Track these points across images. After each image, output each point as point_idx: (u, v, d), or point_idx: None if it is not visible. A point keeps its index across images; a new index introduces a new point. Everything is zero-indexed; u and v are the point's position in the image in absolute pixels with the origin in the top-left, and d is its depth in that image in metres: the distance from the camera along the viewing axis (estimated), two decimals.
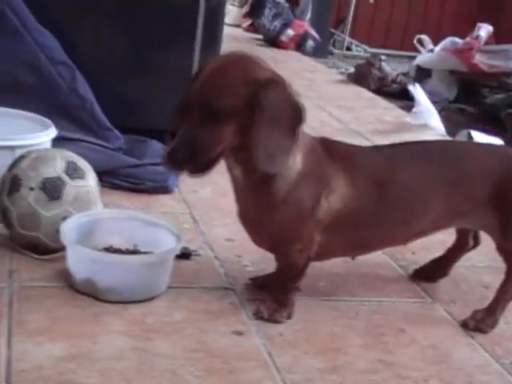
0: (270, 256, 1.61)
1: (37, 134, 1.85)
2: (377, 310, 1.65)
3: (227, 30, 6.54)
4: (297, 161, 1.45)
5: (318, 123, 3.45)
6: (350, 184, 1.50)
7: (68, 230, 1.56)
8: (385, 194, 1.54)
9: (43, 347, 1.32)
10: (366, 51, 7.37)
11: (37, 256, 1.65)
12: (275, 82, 1.39)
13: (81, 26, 2.35)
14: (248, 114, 1.36)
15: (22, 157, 1.66)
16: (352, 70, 5.26)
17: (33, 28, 2.10)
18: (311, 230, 1.49)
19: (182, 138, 1.38)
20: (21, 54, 2.10)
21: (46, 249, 1.64)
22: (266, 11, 6.02)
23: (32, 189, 1.60)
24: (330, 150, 1.52)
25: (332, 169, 1.49)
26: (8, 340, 1.33)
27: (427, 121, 3.98)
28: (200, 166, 1.40)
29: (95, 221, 1.65)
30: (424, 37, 5.95)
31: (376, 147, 1.70)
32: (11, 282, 1.54)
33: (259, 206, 1.48)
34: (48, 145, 1.89)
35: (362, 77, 4.86)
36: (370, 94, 4.51)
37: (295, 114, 1.40)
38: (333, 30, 7.25)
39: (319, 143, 1.53)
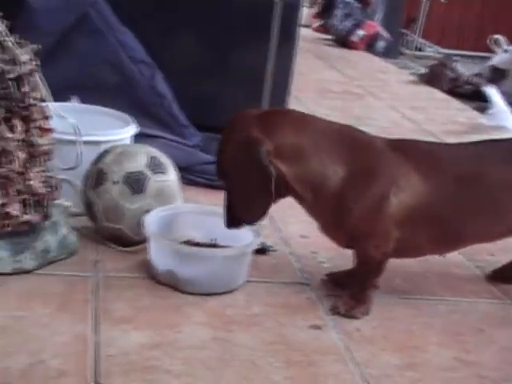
0: (345, 253, 1.63)
1: (119, 130, 1.90)
2: (455, 310, 1.65)
3: None
4: (336, 170, 1.47)
5: (390, 124, 3.45)
6: (426, 182, 1.51)
7: (150, 223, 1.60)
8: (473, 190, 1.54)
9: (129, 334, 1.37)
10: (437, 52, 7.29)
11: (120, 247, 1.70)
12: (241, 143, 1.45)
13: (159, 26, 2.40)
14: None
15: (106, 151, 1.71)
16: (423, 70, 5.21)
17: (115, 28, 2.16)
18: (384, 226, 1.50)
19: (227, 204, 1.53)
20: (104, 53, 2.16)
21: (129, 241, 1.69)
22: (337, 11, 6.02)
23: (116, 182, 1.65)
24: (402, 151, 1.53)
25: (401, 167, 1.50)
26: (95, 326, 1.38)
27: (503, 123, 3.91)
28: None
29: (176, 214, 1.69)
30: (499, 37, 5.84)
31: (459, 144, 1.70)
32: (96, 271, 1.60)
33: (326, 217, 1.54)
34: (129, 141, 1.94)
35: (434, 77, 4.81)
36: (442, 95, 4.47)
37: (261, 170, 1.44)
38: (404, 31, 7.19)
39: (387, 145, 1.55)
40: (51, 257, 1.59)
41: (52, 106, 1.63)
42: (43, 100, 1.60)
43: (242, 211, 1.51)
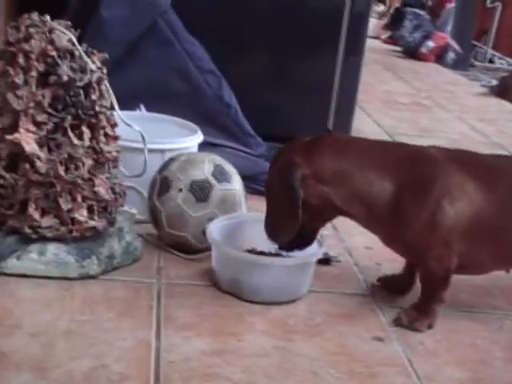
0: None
1: (185, 139, 1.91)
2: None
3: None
4: (384, 186, 1.47)
5: (459, 136, 3.40)
6: (483, 192, 1.48)
7: (214, 231, 1.61)
8: None
9: (190, 341, 1.37)
10: (509, 64, 7.14)
11: (183, 255, 1.71)
12: (279, 167, 1.51)
13: (226, 37, 2.42)
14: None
15: (171, 159, 1.73)
16: (494, 82, 5.12)
17: (183, 38, 2.18)
18: (443, 237, 1.47)
19: (267, 216, 1.58)
20: (171, 62, 2.18)
21: (193, 248, 1.70)
22: (407, 23, 5.97)
23: (181, 190, 1.66)
24: (457, 160, 1.51)
25: (454, 176, 1.48)
26: (157, 332, 1.39)
27: None
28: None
29: (239, 223, 1.69)
30: None
31: None
32: (159, 278, 1.61)
33: (383, 231, 1.54)
34: (195, 149, 1.95)
35: (505, 89, 4.71)
36: None
37: (291, 194, 1.48)
38: (475, 42, 7.08)
39: (441, 155, 1.53)
40: (116, 263, 1.61)
41: (119, 114, 1.66)
42: (110, 108, 1.63)
43: (271, 232, 1.55)
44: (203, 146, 2.06)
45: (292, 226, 1.50)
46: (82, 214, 1.54)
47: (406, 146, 1.58)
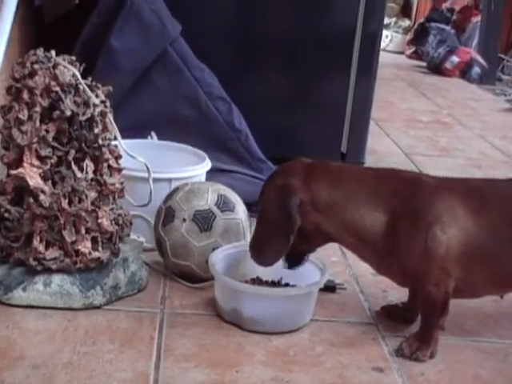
0: None
1: (192, 167, 1.94)
2: None
3: (390, 58, 6.59)
4: (377, 216, 1.49)
5: (477, 154, 3.37)
6: (474, 217, 1.49)
7: (217, 261, 1.62)
8: None
9: (189, 373, 1.39)
10: None
11: (188, 284, 1.73)
12: (277, 189, 1.51)
13: (237, 61, 2.45)
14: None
15: (176, 189, 1.75)
16: None
17: (192, 65, 2.21)
18: (440, 263, 1.47)
19: (255, 234, 1.60)
20: (181, 89, 2.21)
21: (197, 278, 1.72)
22: (431, 38, 5.95)
23: (184, 220, 1.68)
24: (447, 187, 1.53)
25: (444, 203, 1.49)
26: (157, 364, 1.41)
27: None
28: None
29: (244, 252, 1.70)
30: None
31: (509, 180, 1.66)
32: (163, 308, 1.63)
33: (378, 260, 1.55)
34: (202, 177, 1.97)
35: None
36: None
37: (286, 220, 1.49)
38: (502, 56, 7.03)
39: (432, 182, 1.54)
40: (120, 293, 1.63)
41: (122, 146, 1.68)
42: (114, 139, 1.66)
43: (256, 251, 1.57)
44: (212, 173, 2.08)
45: (280, 250, 1.53)
46: (85, 246, 1.56)
47: (399, 173, 1.59)
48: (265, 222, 1.54)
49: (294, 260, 1.59)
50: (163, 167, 1.92)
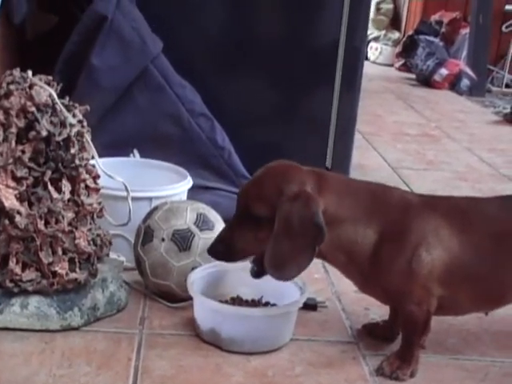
0: None
1: (173, 186, 1.93)
2: (509, 372, 1.58)
3: (380, 70, 6.60)
4: (368, 234, 1.47)
5: (464, 167, 3.37)
6: (458, 237, 1.48)
7: (195, 280, 1.61)
8: (506, 245, 1.51)
9: None
10: None
11: (168, 304, 1.71)
12: (298, 197, 1.42)
13: (220, 77, 2.44)
14: None
15: (155, 208, 1.74)
16: (509, 109, 5.07)
17: (174, 82, 2.21)
18: (423, 283, 1.47)
19: (221, 234, 1.52)
20: (163, 106, 2.20)
21: (177, 297, 1.71)
22: (419, 50, 5.95)
23: (163, 240, 1.67)
24: (432, 207, 1.51)
25: (429, 224, 1.48)
26: None
27: None
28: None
29: (223, 271, 1.70)
30: None
31: (498, 197, 1.65)
32: (142, 328, 1.62)
33: (362, 278, 1.53)
34: (184, 195, 1.96)
35: None
36: None
37: (313, 232, 1.42)
38: (491, 67, 7.05)
39: (418, 202, 1.53)
40: (99, 313, 1.62)
41: (99, 166, 1.67)
42: (92, 159, 1.65)
43: (277, 266, 1.45)
44: (195, 190, 2.07)
45: (306, 263, 1.45)
46: (62, 267, 1.55)
47: (391, 191, 1.57)
48: (287, 235, 1.42)
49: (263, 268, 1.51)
50: (144, 185, 1.91)
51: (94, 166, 1.65)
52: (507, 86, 7.10)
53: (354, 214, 1.48)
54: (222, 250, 1.50)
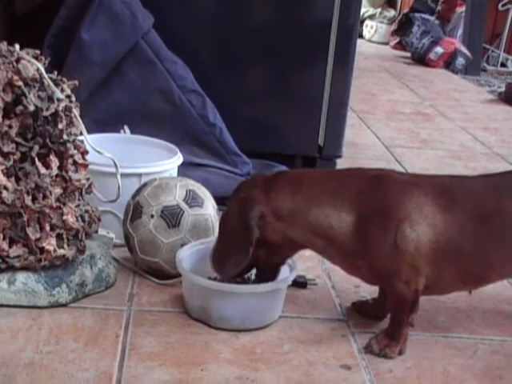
0: None
1: (163, 162, 1.91)
2: (498, 350, 1.58)
3: (375, 48, 6.57)
4: (342, 216, 1.47)
5: (458, 146, 3.36)
6: (443, 215, 1.47)
7: (184, 257, 1.61)
8: (490, 224, 1.50)
9: (153, 372, 1.37)
10: None
11: (157, 280, 1.71)
12: (239, 201, 1.51)
13: (212, 54, 2.42)
14: None
15: (144, 184, 1.73)
16: (503, 88, 5.06)
17: (165, 58, 2.18)
18: (410, 261, 1.46)
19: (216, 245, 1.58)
20: (154, 82, 2.18)
21: (166, 274, 1.70)
22: (415, 29, 5.93)
23: (152, 216, 1.66)
24: (416, 185, 1.51)
25: (412, 201, 1.47)
26: (120, 363, 1.39)
27: None
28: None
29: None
30: None
31: (483, 176, 1.64)
32: (130, 305, 1.61)
33: (347, 260, 1.53)
34: (174, 172, 1.95)
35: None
36: None
37: (245, 232, 1.48)
38: (487, 46, 7.01)
39: (401, 180, 1.53)
40: (87, 290, 1.61)
41: (88, 141, 1.66)
42: (81, 134, 1.63)
43: (216, 263, 1.55)
44: (186, 167, 2.06)
45: (240, 262, 1.51)
46: (50, 243, 1.54)
47: (364, 171, 1.57)
48: (226, 234, 1.53)
49: (267, 275, 1.57)
50: (134, 162, 1.90)
51: (82, 141, 1.63)
52: (502, 65, 7.08)
53: (320, 201, 1.49)
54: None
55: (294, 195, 1.50)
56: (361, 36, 6.73)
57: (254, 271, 1.61)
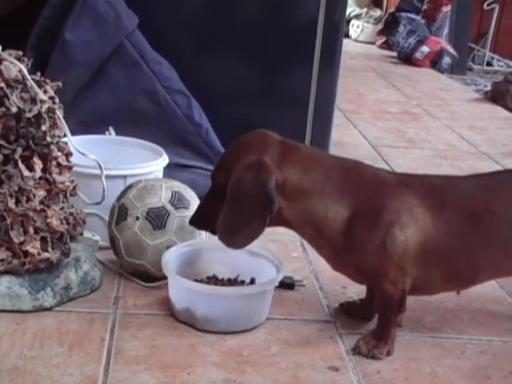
0: None
1: (148, 164, 1.90)
2: (485, 350, 1.57)
3: (361, 48, 6.56)
4: (338, 210, 1.45)
5: (444, 145, 3.36)
6: (432, 216, 1.47)
7: (170, 259, 1.59)
8: (480, 225, 1.50)
9: (138, 376, 1.35)
10: (508, 66, 7.08)
11: (143, 283, 1.69)
12: (252, 165, 1.40)
13: (197, 53, 2.40)
14: None
15: (130, 186, 1.71)
16: (489, 87, 5.07)
17: (150, 59, 2.17)
18: (397, 262, 1.45)
19: (199, 205, 1.56)
20: (139, 83, 2.17)
21: (152, 276, 1.68)
22: (401, 28, 5.93)
23: (138, 218, 1.65)
24: (407, 186, 1.50)
25: (404, 203, 1.46)
26: (106, 367, 1.37)
27: None
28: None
29: (198, 250, 1.67)
30: None
31: (474, 176, 1.64)
32: (116, 308, 1.59)
33: (334, 255, 1.51)
34: (160, 173, 1.93)
35: (498, 95, 4.67)
36: (506, 114, 4.32)
37: (263, 200, 1.40)
38: (473, 45, 7.03)
39: (394, 180, 1.51)
40: (72, 293, 1.60)
41: (72, 143, 1.64)
42: (64, 136, 1.61)
43: (227, 234, 1.45)
44: (172, 168, 2.05)
45: (257, 232, 1.44)
46: (34, 247, 1.52)
47: (365, 168, 1.55)
48: (238, 202, 1.41)
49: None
50: (119, 163, 1.88)
51: (66, 143, 1.61)
52: (488, 64, 7.10)
53: (323, 189, 1.45)
54: (199, 220, 1.52)
55: (303, 176, 1.44)
56: (347, 36, 6.72)
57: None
